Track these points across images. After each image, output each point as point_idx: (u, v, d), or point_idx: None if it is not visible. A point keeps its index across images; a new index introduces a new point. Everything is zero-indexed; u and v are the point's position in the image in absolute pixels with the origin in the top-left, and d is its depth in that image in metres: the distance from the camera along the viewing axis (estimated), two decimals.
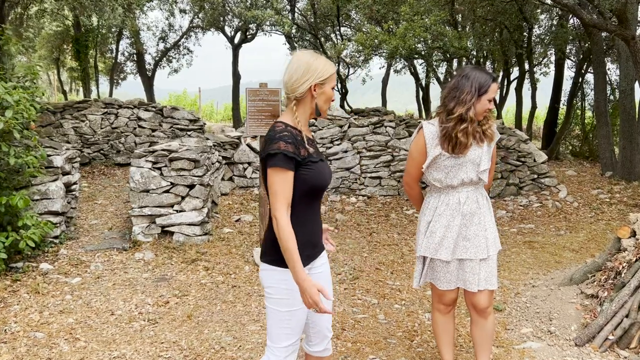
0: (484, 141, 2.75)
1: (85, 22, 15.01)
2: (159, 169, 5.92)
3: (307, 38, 14.83)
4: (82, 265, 5.21)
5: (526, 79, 14.36)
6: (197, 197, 5.92)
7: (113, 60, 19.41)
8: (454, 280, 2.83)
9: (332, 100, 2.26)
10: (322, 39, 13.99)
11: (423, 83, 18.32)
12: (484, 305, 2.80)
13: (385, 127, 8.98)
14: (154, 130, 11.12)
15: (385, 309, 4.32)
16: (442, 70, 16.03)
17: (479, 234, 2.76)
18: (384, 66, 18.06)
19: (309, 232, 2.21)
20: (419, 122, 9.16)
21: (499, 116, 14.30)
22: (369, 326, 3.97)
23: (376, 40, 9.03)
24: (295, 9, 14.27)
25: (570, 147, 14.15)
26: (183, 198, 5.94)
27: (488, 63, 16.55)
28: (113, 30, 18.03)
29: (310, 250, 2.22)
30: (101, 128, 11.11)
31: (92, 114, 11.11)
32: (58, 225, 5.71)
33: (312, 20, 14.97)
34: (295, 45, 14.56)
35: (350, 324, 4.00)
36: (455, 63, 15.05)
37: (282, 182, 2.04)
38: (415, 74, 18.17)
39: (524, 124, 15.29)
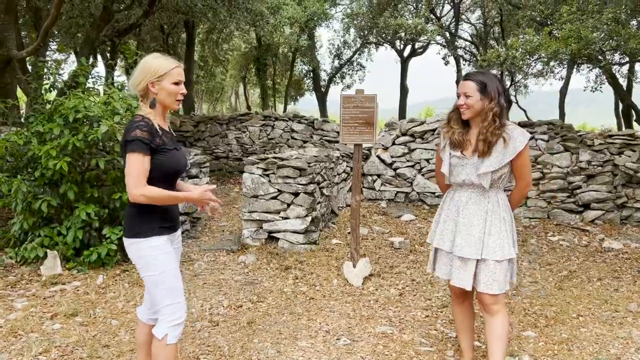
0: (495, 144, 2.70)
1: (265, 40, 16.36)
2: (268, 175, 6.05)
3: (463, 47, 14.00)
4: (188, 262, 5.55)
5: None
6: (300, 206, 5.88)
7: (288, 77, 20.82)
8: (448, 273, 2.96)
9: (182, 94, 2.48)
10: (481, 49, 13.05)
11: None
12: (487, 302, 2.84)
13: (536, 139, 7.93)
14: (305, 142, 11.52)
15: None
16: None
17: (475, 235, 2.79)
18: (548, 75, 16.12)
19: (167, 210, 2.53)
20: (579, 134, 7.92)
21: None
22: None
23: (528, 46, 8.04)
24: (460, 18, 13.61)
25: None
26: (289, 205, 5.96)
27: None
28: (292, 48, 19.34)
29: (169, 223, 2.55)
30: (259, 139, 11.90)
31: (252, 125, 11.98)
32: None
33: (482, 29, 14.12)
34: (450, 54, 13.85)
35: (408, 355, 3.52)
36: None
37: (139, 165, 2.32)
38: (614, 84, 15.80)
39: None
